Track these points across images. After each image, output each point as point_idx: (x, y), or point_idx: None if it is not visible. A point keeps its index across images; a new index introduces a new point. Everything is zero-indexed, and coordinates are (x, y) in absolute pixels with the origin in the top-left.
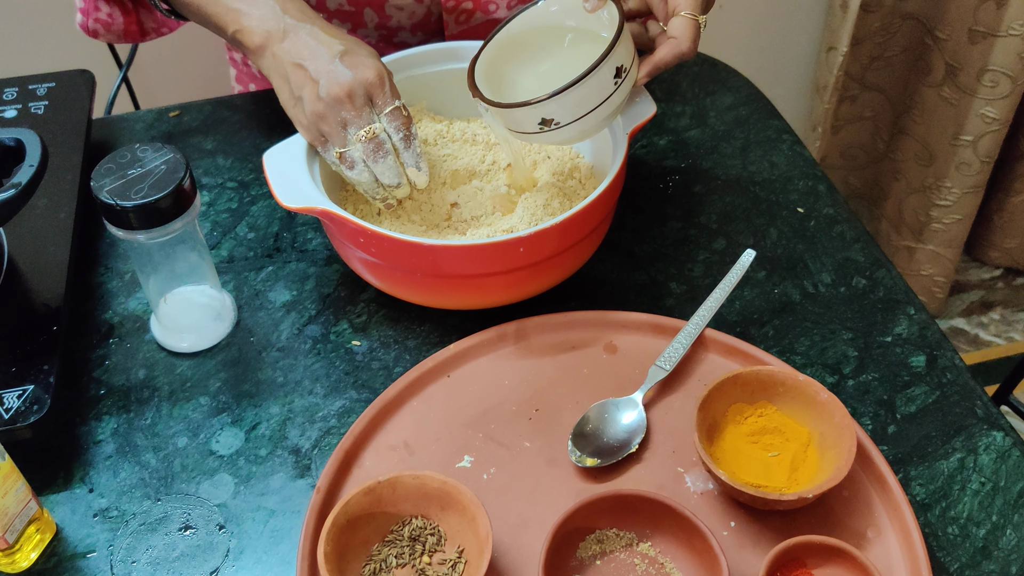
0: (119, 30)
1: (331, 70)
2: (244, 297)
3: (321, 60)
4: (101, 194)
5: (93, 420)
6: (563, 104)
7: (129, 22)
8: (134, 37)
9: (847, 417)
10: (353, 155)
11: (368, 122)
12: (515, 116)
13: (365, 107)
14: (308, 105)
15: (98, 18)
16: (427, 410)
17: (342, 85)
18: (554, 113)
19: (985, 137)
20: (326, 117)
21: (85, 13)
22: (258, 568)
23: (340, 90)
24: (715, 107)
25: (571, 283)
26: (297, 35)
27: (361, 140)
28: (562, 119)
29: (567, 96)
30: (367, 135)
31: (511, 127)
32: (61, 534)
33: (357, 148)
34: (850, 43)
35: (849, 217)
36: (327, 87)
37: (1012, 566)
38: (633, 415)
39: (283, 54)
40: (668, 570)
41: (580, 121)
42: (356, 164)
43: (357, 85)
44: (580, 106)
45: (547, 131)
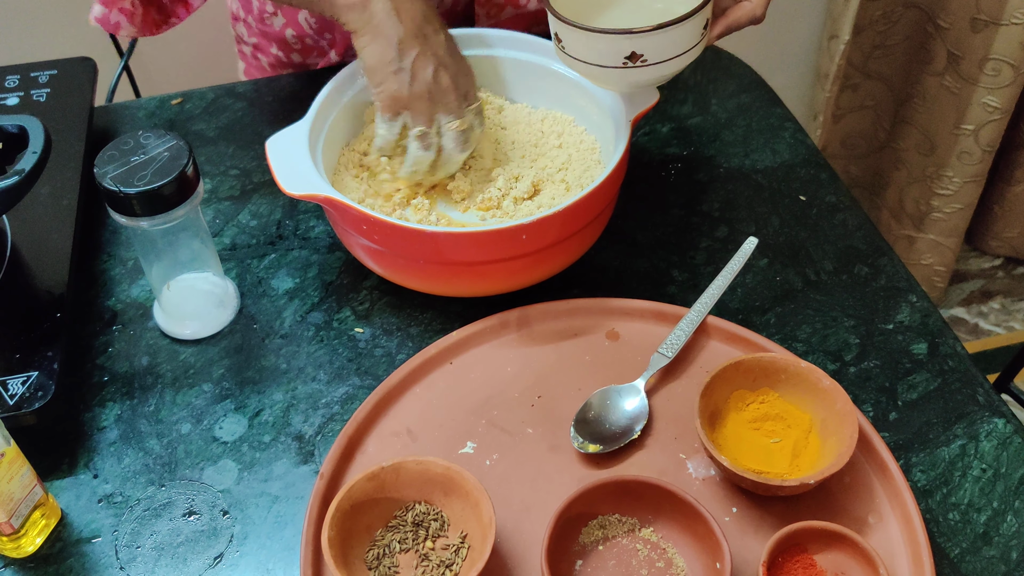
0: (139, 21)
1: (445, 57)
2: (247, 284)
3: (435, 40)
4: (104, 181)
5: (97, 406)
6: (659, 41)
7: (148, 12)
8: (150, 29)
9: (849, 404)
10: (433, 138)
11: (460, 114)
12: (603, 45)
13: (462, 100)
14: (419, 83)
15: (122, 8)
16: (430, 397)
17: (454, 76)
18: (645, 49)
19: (987, 126)
20: (429, 98)
21: (107, 4)
22: (262, 553)
23: (450, 81)
24: (717, 95)
25: (573, 270)
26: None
27: (454, 129)
28: (651, 57)
29: (667, 33)
30: (460, 126)
31: (590, 59)
32: (66, 519)
33: (448, 135)
34: (852, 31)
35: (851, 205)
36: (444, 74)
37: (1012, 552)
38: (635, 402)
39: (389, 14)
40: (670, 555)
41: (663, 64)
42: (432, 146)
43: (463, 79)
44: (672, 47)
45: (629, 67)
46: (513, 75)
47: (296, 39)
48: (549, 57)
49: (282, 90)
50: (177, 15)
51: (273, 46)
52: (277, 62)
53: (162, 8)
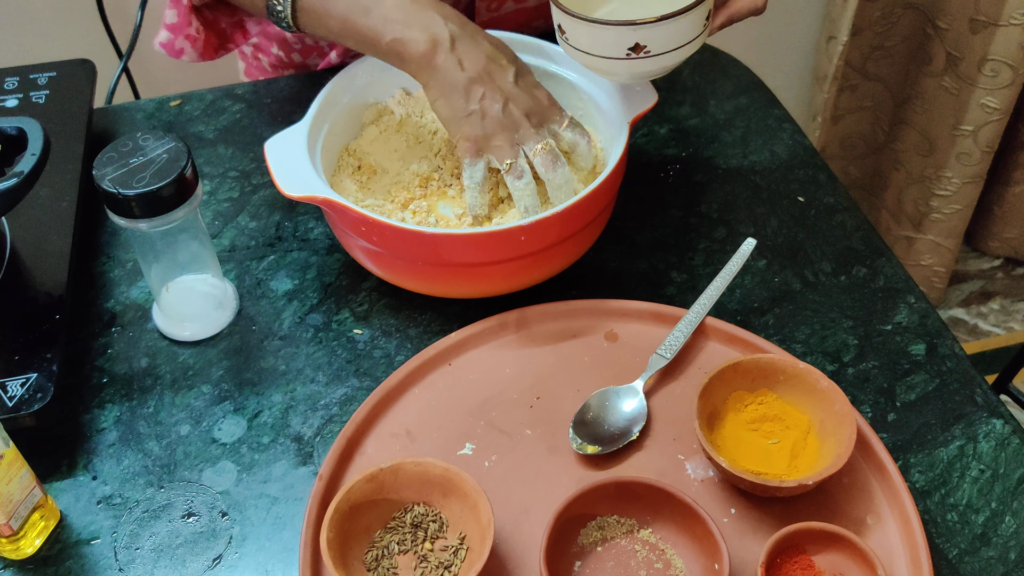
0: (200, 47)
1: (512, 90)
2: (246, 286)
3: (501, 77)
4: (103, 183)
5: (96, 408)
6: (662, 32)
7: (209, 38)
8: (210, 54)
9: (847, 405)
10: (523, 166)
11: (541, 138)
12: (606, 37)
13: (541, 127)
14: (489, 120)
15: (188, 34)
16: (429, 398)
17: (525, 107)
18: (649, 40)
19: (986, 127)
20: (504, 132)
21: (175, 31)
22: (261, 555)
23: (522, 111)
24: (716, 96)
25: (572, 272)
26: (466, 45)
27: (539, 153)
28: (654, 48)
29: (669, 25)
30: (544, 148)
31: (594, 50)
32: (65, 521)
33: (537, 160)
34: (850, 32)
35: (849, 206)
36: (511, 106)
37: (1011, 552)
38: (634, 403)
39: (454, 66)
40: (668, 556)
41: (667, 55)
42: (525, 174)
43: (536, 108)
44: (675, 38)
45: (633, 59)
46: None
47: (297, 39)
48: (547, 58)
49: (281, 92)
50: (235, 41)
51: (274, 45)
52: (278, 62)
53: (221, 34)
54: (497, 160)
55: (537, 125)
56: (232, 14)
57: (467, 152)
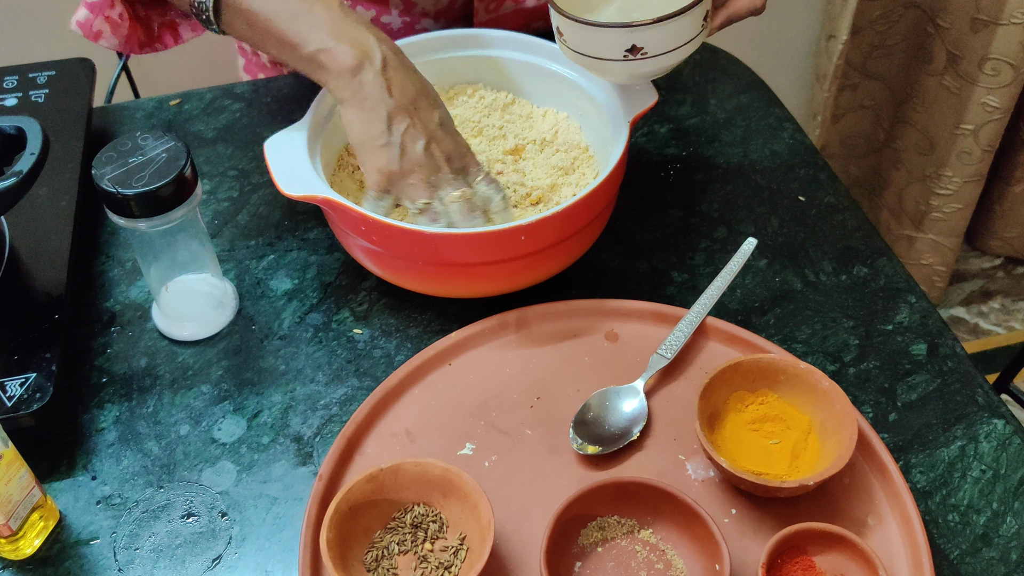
0: (122, 35)
1: (436, 131)
2: (245, 285)
3: (427, 115)
4: (102, 182)
5: (95, 408)
6: (659, 34)
7: (134, 29)
8: (132, 48)
9: (848, 405)
10: (438, 208)
11: (459, 186)
12: (603, 39)
13: (460, 173)
14: (409, 157)
15: (108, 16)
16: (429, 398)
17: (447, 150)
18: (646, 42)
19: (986, 126)
20: (421, 172)
21: (93, 9)
22: (260, 555)
23: (444, 155)
24: (716, 95)
25: (572, 271)
26: (397, 71)
27: (457, 200)
28: (651, 50)
29: (666, 26)
30: (463, 195)
31: (592, 52)
32: (64, 521)
33: (453, 207)
34: (850, 31)
35: (850, 206)
36: (434, 147)
37: (1012, 553)
38: (634, 403)
39: (380, 88)
40: (669, 557)
41: (664, 56)
42: (439, 218)
43: (457, 155)
44: (672, 39)
45: (630, 60)
46: (511, 76)
47: None
48: (546, 57)
49: (280, 91)
50: (164, 42)
51: None
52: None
53: (150, 31)
54: (408, 199)
55: (457, 172)
56: (163, 13)
57: (376, 186)
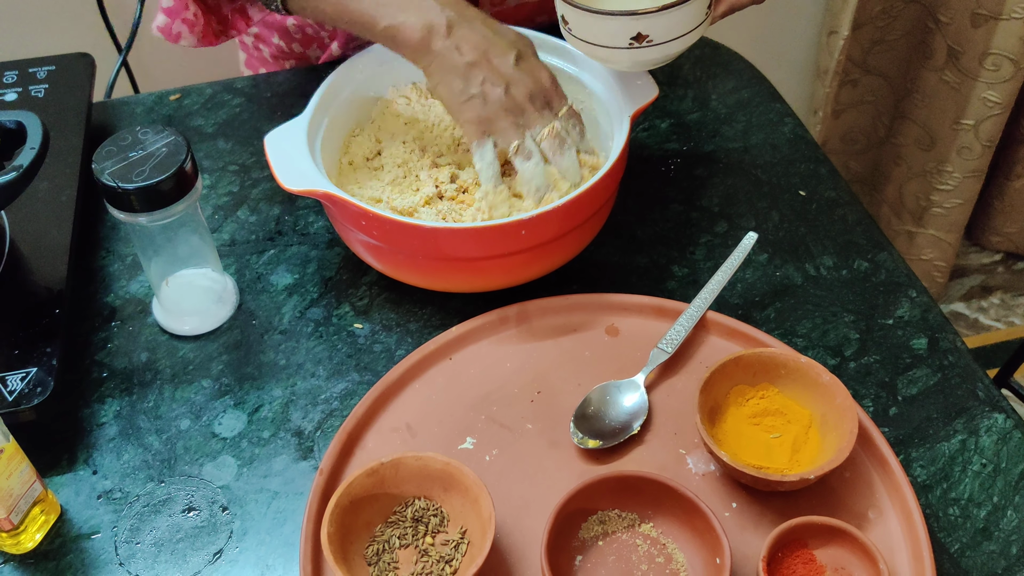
0: (199, 32)
1: (513, 74)
2: (246, 280)
3: (500, 61)
4: (103, 176)
5: (96, 403)
6: (664, 22)
7: (208, 22)
8: (209, 40)
9: (848, 399)
10: (531, 147)
11: (547, 121)
12: (609, 27)
13: (545, 109)
14: (491, 104)
15: (185, 18)
16: (429, 392)
17: (527, 89)
18: (651, 30)
19: (987, 121)
20: (507, 116)
21: (171, 14)
22: (261, 549)
23: (525, 94)
24: (717, 90)
25: (573, 266)
26: (463, 30)
27: (547, 137)
28: (656, 38)
29: (671, 14)
30: (550, 132)
31: (597, 40)
32: (65, 515)
33: (545, 144)
34: (851, 27)
35: (851, 200)
36: (513, 90)
37: (1013, 547)
38: (635, 397)
39: (451, 51)
40: (670, 551)
41: (669, 44)
42: (533, 154)
43: (539, 91)
44: (677, 27)
45: (636, 48)
46: None
47: (297, 28)
48: (547, 52)
49: (281, 85)
50: (237, 28)
51: (275, 35)
52: (279, 52)
53: (223, 20)
54: (503, 142)
55: (541, 108)
56: (233, 0)
57: (473, 134)
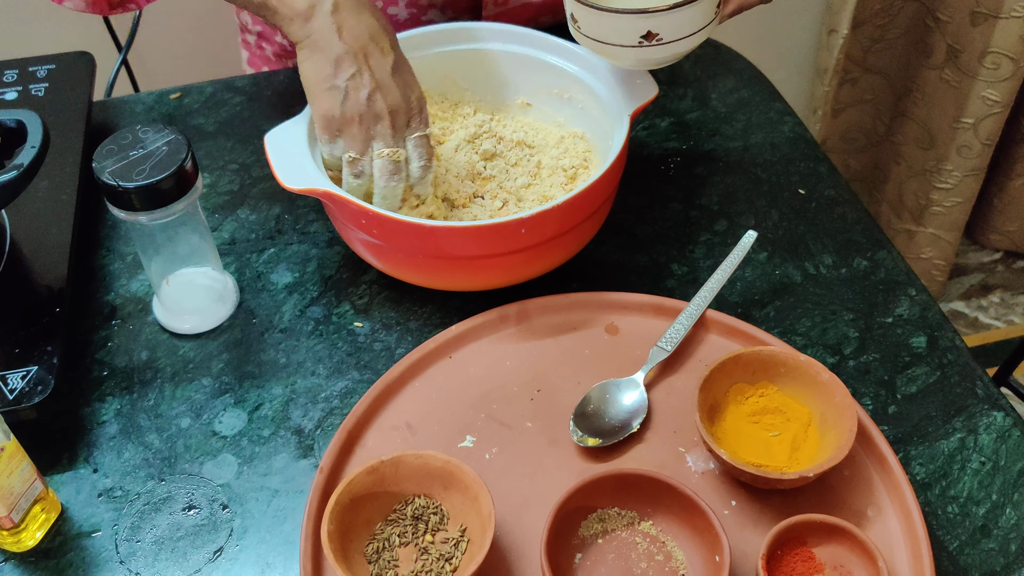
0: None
1: (385, 81)
2: (246, 279)
3: (377, 62)
4: (103, 175)
5: (96, 401)
6: (674, 20)
7: None
8: (101, 8)
9: (848, 397)
10: (364, 165)
11: (397, 144)
12: (618, 25)
13: (402, 129)
14: (351, 104)
15: None
16: (429, 391)
17: (393, 102)
18: (661, 28)
19: (986, 120)
20: (361, 122)
21: None
22: (262, 547)
23: (388, 106)
24: (717, 89)
25: (572, 264)
26: (349, 14)
27: (384, 157)
28: (666, 36)
29: (681, 13)
30: (391, 156)
31: (606, 38)
32: (66, 514)
33: (377, 163)
34: (851, 25)
35: (850, 199)
36: (378, 98)
37: (1011, 544)
38: (634, 395)
39: (330, 31)
40: (669, 548)
41: (678, 42)
42: (363, 175)
43: (404, 107)
44: (686, 26)
45: (645, 46)
46: (510, 69)
47: None
48: (546, 51)
49: (281, 84)
50: (137, 2)
51: (278, 34)
52: (282, 51)
53: None
54: (346, 147)
55: (398, 127)
56: None
57: (323, 130)
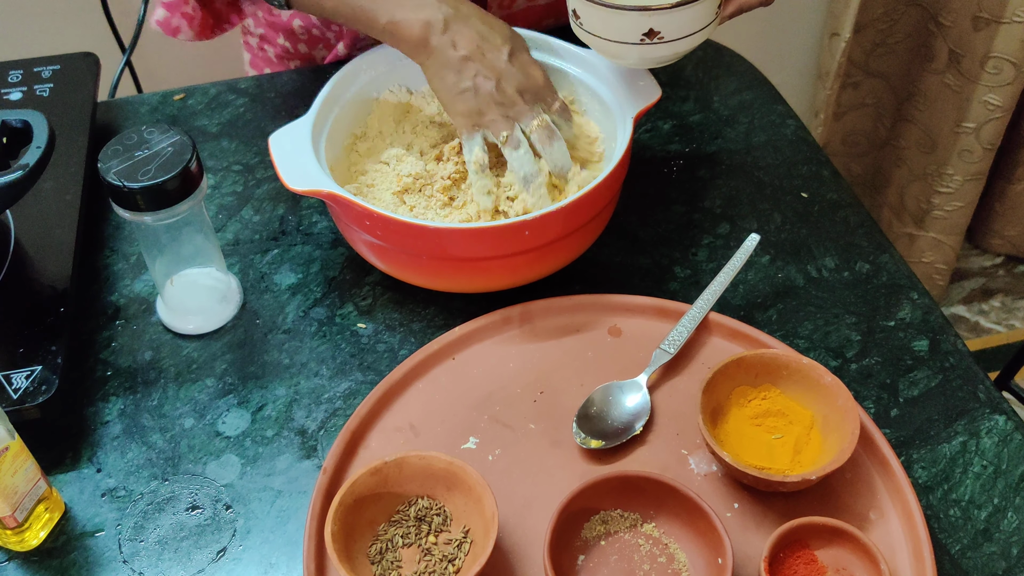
0: (197, 26)
1: (505, 68)
2: (250, 280)
3: (494, 56)
4: (108, 175)
5: (100, 401)
6: (676, 19)
7: (205, 16)
8: (205, 34)
9: (850, 400)
10: (519, 137)
11: (536, 115)
12: (621, 22)
13: (536, 103)
14: (482, 96)
15: (184, 12)
16: (432, 392)
17: (518, 83)
18: (663, 26)
19: (988, 124)
20: (497, 108)
21: (170, 8)
22: (265, 548)
23: (515, 87)
24: (719, 92)
25: (575, 267)
26: (459, 26)
27: (535, 129)
28: (668, 34)
29: (684, 11)
30: (540, 124)
31: (608, 35)
32: (70, 513)
33: (534, 136)
34: (853, 29)
35: (852, 202)
36: (504, 83)
37: (1013, 548)
38: (637, 397)
39: (447, 46)
40: (672, 550)
41: (680, 41)
42: (521, 144)
43: (530, 86)
44: (688, 25)
45: (647, 44)
46: None
47: (303, 30)
48: (550, 54)
49: (285, 86)
50: (230, 20)
51: (280, 36)
52: (284, 53)
53: (216, 13)
54: (493, 134)
55: (531, 102)
56: None
57: (463, 127)
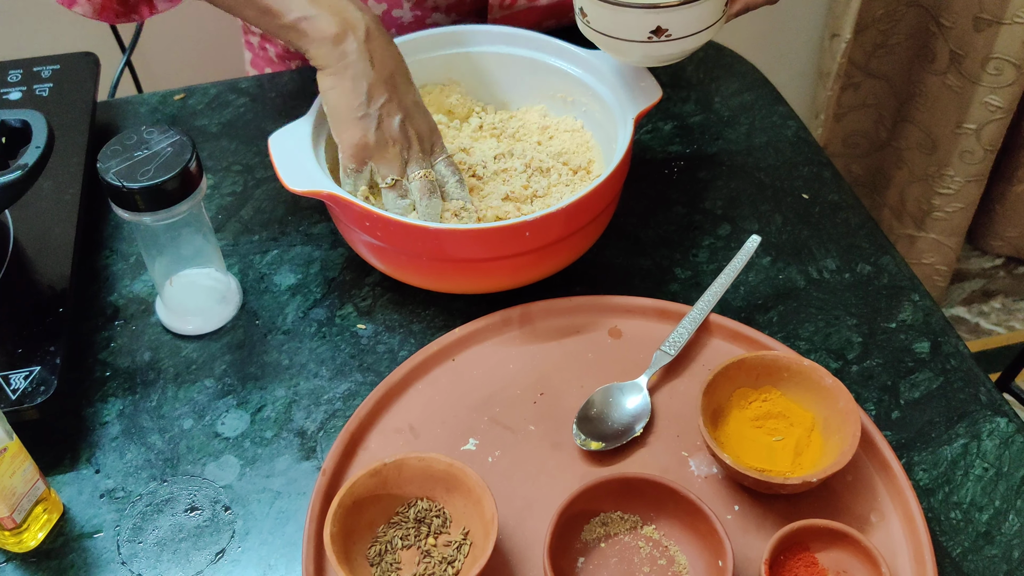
0: (97, 3)
1: (413, 110)
2: (249, 280)
3: (405, 91)
4: (107, 176)
5: (99, 402)
6: (683, 16)
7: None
8: (108, 16)
9: (851, 402)
10: (407, 185)
11: (425, 166)
12: (628, 19)
13: (429, 153)
14: (385, 130)
15: None
16: (432, 393)
17: (419, 128)
18: (670, 24)
19: (989, 125)
20: (395, 148)
21: None
22: (264, 549)
23: (416, 132)
24: (720, 93)
25: (576, 268)
26: (381, 43)
27: (420, 179)
28: (675, 32)
29: (691, 9)
30: (426, 175)
31: (615, 33)
32: (68, 514)
33: (415, 184)
34: (854, 30)
35: (854, 204)
36: (409, 124)
37: (1014, 551)
38: (638, 399)
39: (363, 59)
40: (672, 553)
41: (687, 39)
42: (409, 193)
43: (429, 133)
44: (695, 23)
45: (654, 42)
46: (514, 72)
47: None
48: (551, 54)
49: (285, 86)
50: (139, 12)
51: None
52: (285, 52)
53: (125, 1)
54: (380, 174)
55: (426, 151)
56: None
57: (353, 159)
